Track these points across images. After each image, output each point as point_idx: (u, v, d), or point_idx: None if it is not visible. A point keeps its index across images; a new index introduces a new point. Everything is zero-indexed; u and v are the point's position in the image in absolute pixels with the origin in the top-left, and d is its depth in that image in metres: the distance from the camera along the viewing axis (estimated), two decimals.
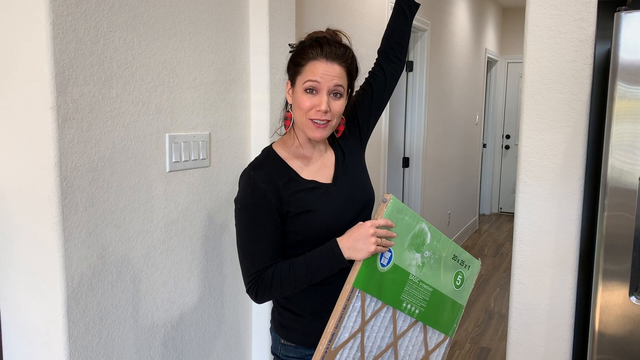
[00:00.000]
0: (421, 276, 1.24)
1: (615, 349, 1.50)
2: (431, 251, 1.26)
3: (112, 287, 1.52)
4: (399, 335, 1.24)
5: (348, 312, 1.15)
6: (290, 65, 1.29)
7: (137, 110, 1.56)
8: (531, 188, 1.80)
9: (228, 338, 2.03)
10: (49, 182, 1.34)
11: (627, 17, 1.40)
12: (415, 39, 4.24)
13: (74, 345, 1.42)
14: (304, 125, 1.25)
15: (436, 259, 1.27)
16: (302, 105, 1.23)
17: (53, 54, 1.30)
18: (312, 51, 1.23)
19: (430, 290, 1.27)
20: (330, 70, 1.22)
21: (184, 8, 1.70)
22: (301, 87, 1.23)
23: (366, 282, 1.16)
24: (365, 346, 1.19)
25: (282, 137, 1.35)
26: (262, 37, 2.01)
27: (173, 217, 1.72)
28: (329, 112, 1.22)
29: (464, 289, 1.35)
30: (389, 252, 1.19)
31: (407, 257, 1.21)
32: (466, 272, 1.34)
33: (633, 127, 1.43)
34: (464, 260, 1.34)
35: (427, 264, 1.25)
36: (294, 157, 1.31)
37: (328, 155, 1.35)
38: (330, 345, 1.14)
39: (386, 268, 1.19)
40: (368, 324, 1.19)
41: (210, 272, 1.90)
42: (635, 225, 1.44)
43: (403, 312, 1.24)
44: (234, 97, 1.96)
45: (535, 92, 1.76)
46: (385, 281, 1.19)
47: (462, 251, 1.34)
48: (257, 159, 1.30)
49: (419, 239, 1.23)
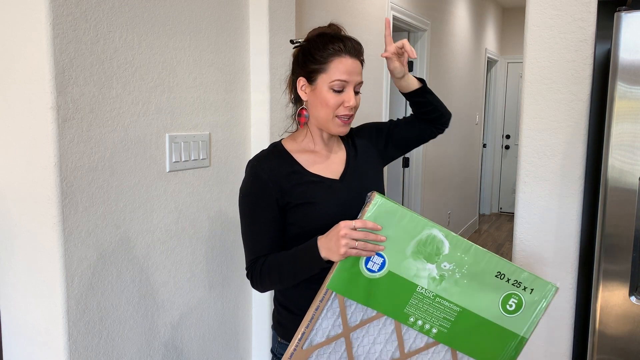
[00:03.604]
0: (438, 291, 1.12)
1: (615, 349, 1.50)
2: (454, 264, 1.11)
3: (112, 287, 1.52)
4: (409, 352, 1.14)
5: (322, 314, 1.11)
6: (307, 62, 1.25)
7: (137, 110, 1.56)
8: (531, 188, 1.79)
9: (228, 338, 2.03)
10: (49, 182, 1.34)
11: (627, 17, 1.40)
12: (415, 39, 4.24)
13: (74, 345, 1.42)
14: (329, 122, 1.25)
15: (464, 274, 1.12)
16: (329, 103, 1.23)
17: (53, 54, 1.30)
18: (334, 47, 1.22)
19: (457, 309, 1.13)
20: (356, 66, 1.23)
21: (184, 8, 1.70)
22: (327, 86, 1.22)
23: (345, 286, 1.11)
24: (355, 356, 1.13)
25: (292, 134, 1.35)
26: (262, 37, 2.01)
27: (173, 217, 1.72)
28: (354, 107, 1.25)
29: (522, 316, 1.13)
30: (381, 258, 1.11)
31: (411, 266, 1.11)
32: (526, 295, 1.13)
33: (633, 127, 1.43)
34: (520, 280, 1.13)
35: (449, 278, 1.12)
36: (303, 151, 1.31)
37: (339, 153, 1.35)
38: (301, 344, 1.11)
39: (377, 274, 1.11)
40: (355, 331, 1.13)
41: (210, 272, 1.90)
42: (635, 225, 1.44)
43: (413, 328, 1.13)
44: (234, 97, 1.96)
45: (535, 92, 1.76)
46: (378, 289, 1.11)
47: (519, 270, 1.13)
48: (263, 151, 1.31)
49: (429, 247, 1.11)
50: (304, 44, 1.28)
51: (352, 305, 1.12)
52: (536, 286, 1.13)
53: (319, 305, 1.11)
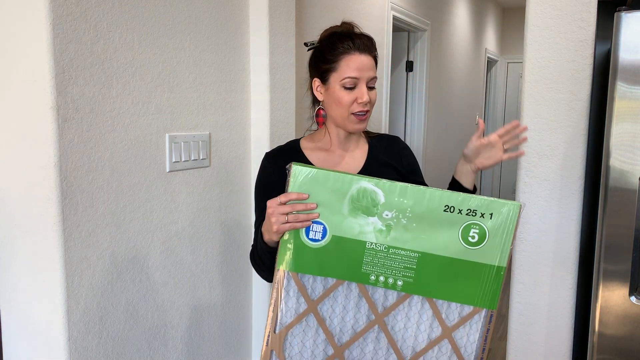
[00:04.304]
0: (389, 242, 1.06)
1: (615, 349, 1.50)
2: (395, 210, 1.06)
3: (112, 287, 1.52)
4: (383, 312, 1.10)
5: (283, 295, 1.10)
6: (319, 62, 1.28)
7: (137, 110, 1.56)
8: (531, 188, 1.79)
9: (228, 338, 2.03)
10: (49, 182, 1.34)
11: (627, 17, 1.40)
12: (415, 39, 4.24)
13: (74, 345, 1.42)
14: (345, 120, 1.26)
15: (410, 217, 1.05)
16: (342, 101, 1.24)
17: (53, 54, 1.30)
18: (343, 45, 1.24)
19: (416, 255, 1.06)
20: (366, 62, 1.24)
21: (184, 8, 1.70)
22: (338, 84, 1.24)
23: (294, 262, 1.09)
24: (330, 328, 1.11)
25: (312, 133, 1.38)
26: (262, 37, 2.01)
27: (173, 217, 1.72)
28: (369, 103, 1.25)
29: (490, 245, 1.05)
30: (320, 225, 1.07)
31: (352, 224, 1.07)
32: (487, 222, 1.05)
33: (633, 127, 1.43)
34: (474, 208, 1.05)
35: (396, 226, 1.06)
36: (318, 150, 1.34)
37: (356, 152, 1.36)
38: (272, 329, 1.11)
39: (322, 242, 1.08)
40: (321, 303, 1.10)
41: (210, 272, 1.90)
42: (635, 225, 1.44)
43: (377, 286, 1.08)
44: (234, 97, 1.96)
45: (535, 92, 1.76)
46: (327, 256, 1.08)
47: (468, 198, 1.05)
48: (279, 146, 1.38)
49: (363, 200, 1.06)
50: (317, 45, 1.30)
51: (309, 279, 1.10)
52: (494, 209, 1.05)
53: (277, 287, 1.10)
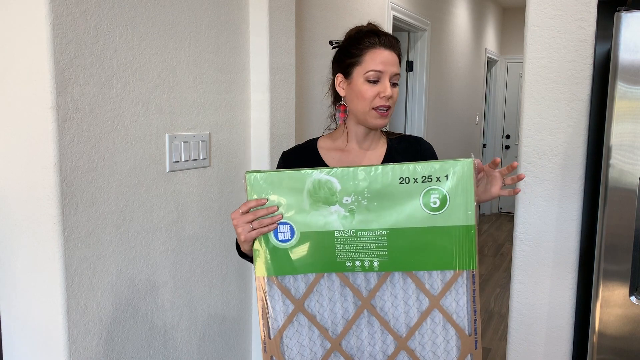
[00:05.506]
0: (355, 225, 1.08)
1: (615, 349, 1.50)
2: (352, 194, 1.07)
3: (112, 287, 1.52)
4: (368, 296, 1.11)
5: (269, 301, 1.12)
6: (344, 57, 1.29)
7: (137, 110, 1.56)
8: (531, 188, 1.79)
9: (228, 338, 2.03)
10: (49, 182, 1.34)
11: (627, 17, 1.40)
12: (415, 39, 4.24)
13: (74, 345, 1.42)
14: (367, 115, 1.27)
15: (369, 197, 1.07)
16: (365, 95, 1.25)
17: (53, 54, 1.30)
18: (369, 40, 1.25)
19: (384, 233, 1.08)
20: (390, 57, 1.25)
21: (184, 8, 1.70)
22: (362, 78, 1.25)
23: (270, 266, 1.11)
24: (322, 322, 1.12)
25: (331, 132, 1.38)
26: (262, 37, 2.01)
27: (173, 217, 1.72)
28: (391, 98, 1.26)
29: (453, 206, 1.06)
30: (286, 225, 1.09)
31: (317, 217, 1.08)
32: (443, 185, 1.05)
33: (633, 127, 1.43)
34: (427, 174, 1.06)
35: (359, 209, 1.07)
36: (334, 149, 1.34)
37: (376, 150, 1.36)
38: (266, 336, 1.13)
39: (292, 241, 1.10)
40: (307, 300, 1.12)
41: (210, 272, 1.90)
42: (635, 225, 1.44)
43: (356, 272, 1.10)
44: (234, 97, 1.96)
45: (535, 92, 1.76)
46: (301, 254, 1.10)
47: (417, 165, 1.06)
48: (297, 144, 1.39)
49: (320, 192, 1.08)
50: (342, 44, 1.32)
51: (290, 279, 1.12)
52: (448, 171, 1.05)
53: (261, 294, 1.12)
